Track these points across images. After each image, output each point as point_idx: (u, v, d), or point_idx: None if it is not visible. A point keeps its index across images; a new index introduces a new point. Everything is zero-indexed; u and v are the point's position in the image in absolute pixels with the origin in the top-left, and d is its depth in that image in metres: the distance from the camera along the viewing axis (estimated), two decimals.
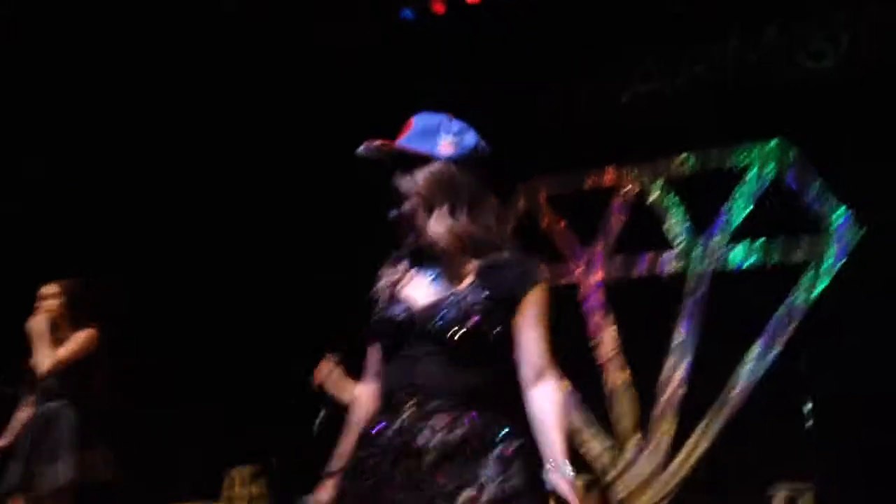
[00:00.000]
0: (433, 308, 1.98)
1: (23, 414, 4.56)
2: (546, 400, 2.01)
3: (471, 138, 2.10)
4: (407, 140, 2.05)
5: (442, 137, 2.05)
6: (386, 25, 6.46)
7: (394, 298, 2.05)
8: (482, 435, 1.91)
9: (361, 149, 2.05)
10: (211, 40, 6.30)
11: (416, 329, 1.97)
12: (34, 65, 5.91)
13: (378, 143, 2.05)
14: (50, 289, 4.57)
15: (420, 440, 1.89)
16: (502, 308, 2.00)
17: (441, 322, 1.94)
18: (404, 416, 1.92)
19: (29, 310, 4.55)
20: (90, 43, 5.95)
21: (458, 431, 1.89)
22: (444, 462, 1.87)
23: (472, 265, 2.04)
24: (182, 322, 6.59)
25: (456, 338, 1.93)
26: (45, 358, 4.37)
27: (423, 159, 2.03)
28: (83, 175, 6.30)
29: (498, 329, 1.99)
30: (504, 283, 2.01)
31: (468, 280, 2.01)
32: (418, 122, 2.08)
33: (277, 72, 6.55)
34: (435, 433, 1.89)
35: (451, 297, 1.98)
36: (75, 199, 6.26)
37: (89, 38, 5.93)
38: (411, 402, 1.93)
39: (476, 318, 1.95)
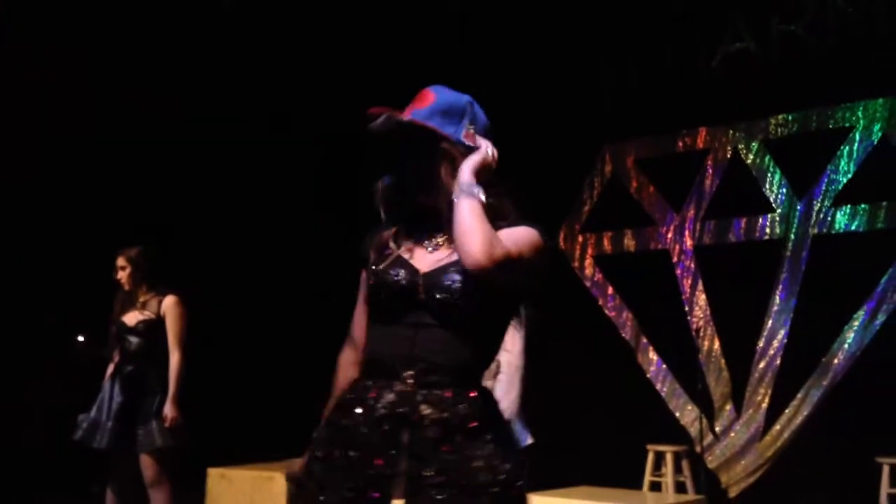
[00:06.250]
0: (440, 273, 1.85)
1: (109, 375, 4.62)
2: None
3: (484, 123, 1.97)
4: (428, 115, 1.90)
5: (465, 124, 1.93)
6: None
7: (396, 260, 1.91)
8: (482, 416, 1.82)
9: (378, 122, 1.89)
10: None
11: (420, 295, 1.85)
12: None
13: (396, 116, 1.90)
14: (119, 261, 4.62)
15: (418, 414, 1.80)
16: None
17: (448, 289, 1.82)
18: (400, 387, 1.82)
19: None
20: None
21: (460, 409, 1.80)
22: (445, 439, 1.79)
23: None
24: (278, 286, 6.62)
25: (460, 308, 1.82)
26: (173, 350, 4.49)
27: (441, 139, 1.90)
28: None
29: (502, 297, 1.88)
30: None
31: None
32: (440, 97, 1.94)
33: None
34: (434, 408, 1.80)
35: (453, 266, 1.85)
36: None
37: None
38: (409, 373, 1.82)
39: (481, 286, 1.82)
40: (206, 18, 5.75)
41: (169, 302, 4.56)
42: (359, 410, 1.85)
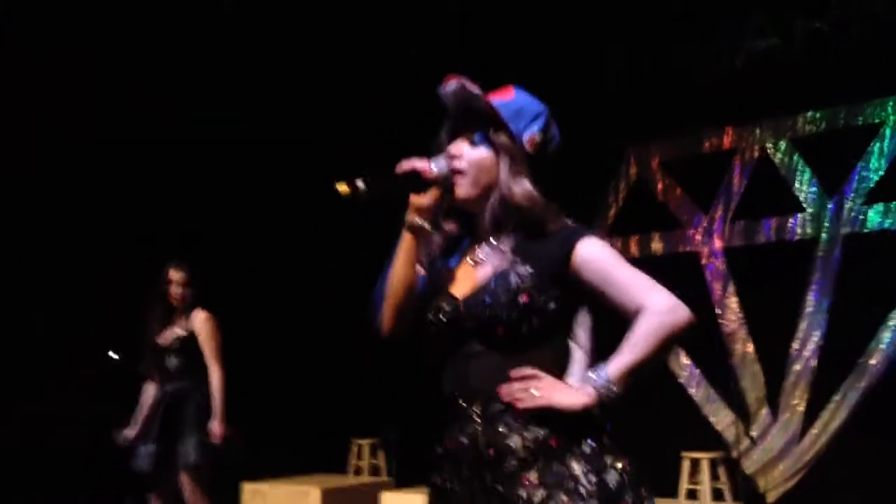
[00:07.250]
0: (477, 295, 1.77)
1: (148, 395, 4.62)
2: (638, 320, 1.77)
3: (554, 142, 1.89)
4: (502, 106, 1.84)
5: (532, 129, 1.85)
6: None
7: (440, 293, 1.84)
8: (562, 430, 1.69)
9: (451, 89, 1.83)
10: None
11: (465, 323, 1.77)
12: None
13: (469, 86, 1.83)
14: (176, 275, 4.59)
15: (493, 449, 1.70)
16: (551, 281, 1.76)
17: (487, 306, 1.74)
18: (470, 427, 1.74)
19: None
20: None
21: (534, 431, 1.69)
22: (527, 466, 1.68)
23: (512, 239, 1.82)
24: (300, 299, 6.60)
25: (507, 326, 1.73)
26: (213, 366, 4.48)
27: (503, 132, 1.83)
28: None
29: (552, 304, 1.75)
30: (547, 254, 1.77)
31: (508, 257, 1.79)
32: (519, 97, 1.88)
33: None
34: (508, 437, 1.70)
35: (493, 281, 1.77)
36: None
37: None
38: (475, 410, 1.74)
39: (525, 297, 1.73)
40: (206, 18, 5.75)
41: (200, 318, 4.52)
42: (444, 464, 1.80)
